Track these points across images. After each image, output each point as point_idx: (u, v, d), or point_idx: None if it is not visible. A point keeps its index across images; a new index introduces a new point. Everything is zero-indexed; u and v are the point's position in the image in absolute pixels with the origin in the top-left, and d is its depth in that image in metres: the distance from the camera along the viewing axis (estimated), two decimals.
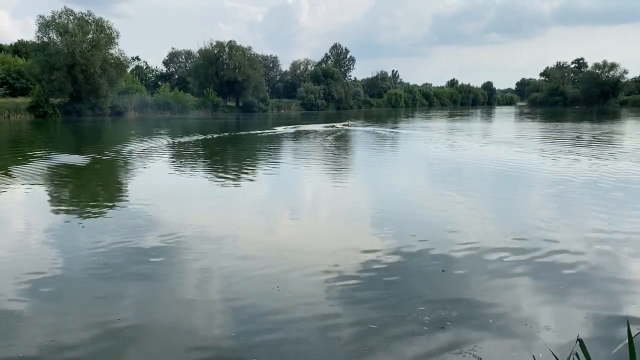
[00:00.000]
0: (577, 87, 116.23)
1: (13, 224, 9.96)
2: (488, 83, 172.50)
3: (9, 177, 14.91)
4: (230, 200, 12.23)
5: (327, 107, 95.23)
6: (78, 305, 5.83)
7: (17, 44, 77.84)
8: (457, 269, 6.98)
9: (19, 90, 64.18)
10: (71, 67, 55.09)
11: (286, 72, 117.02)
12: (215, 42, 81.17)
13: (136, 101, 67.13)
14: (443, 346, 4.81)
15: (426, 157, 21.50)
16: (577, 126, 41.37)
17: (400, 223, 9.50)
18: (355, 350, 4.79)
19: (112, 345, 4.89)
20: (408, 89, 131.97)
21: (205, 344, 4.94)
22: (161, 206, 11.28)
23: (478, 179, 15.04)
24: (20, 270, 6.88)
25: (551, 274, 6.74)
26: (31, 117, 53.92)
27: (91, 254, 7.61)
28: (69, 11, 57.72)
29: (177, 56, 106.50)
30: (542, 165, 17.62)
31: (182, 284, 6.50)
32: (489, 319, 5.37)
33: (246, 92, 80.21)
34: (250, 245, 8.12)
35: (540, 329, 5.16)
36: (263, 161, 19.96)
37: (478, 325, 5.24)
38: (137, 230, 8.94)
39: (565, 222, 9.55)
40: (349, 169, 17.82)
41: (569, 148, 23.34)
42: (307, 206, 11.66)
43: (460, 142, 28.05)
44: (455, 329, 5.14)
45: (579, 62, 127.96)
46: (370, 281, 6.53)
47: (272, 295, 6.06)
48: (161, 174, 16.84)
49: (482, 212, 10.45)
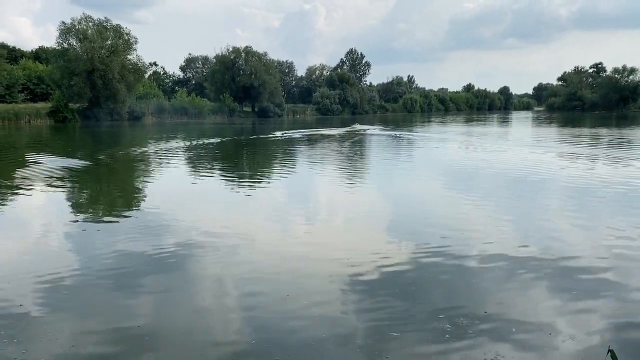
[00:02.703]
0: (596, 92, 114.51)
1: (31, 227, 10.05)
2: (505, 88, 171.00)
3: (28, 180, 15.10)
4: (245, 205, 12.23)
5: (342, 112, 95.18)
6: (96, 310, 5.84)
7: (37, 50, 79.35)
8: (476, 276, 6.87)
9: (39, 96, 65.41)
10: (90, 72, 55.89)
11: (302, 78, 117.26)
12: (232, 48, 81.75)
13: (153, 106, 67.86)
14: (466, 356, 4.72)
15: (442, 161, 21.32)
16: (596, 131, 40.79)
17: (416, 229, 9.40)
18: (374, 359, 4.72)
19: (130, 351, 4.88)
20: (424, 93, 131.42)
21: (221, 351, 4.90)
22: (177, 211, 11.31)
23: (495, 184, 14.86)
24: (39, 275, 6.92)
25: (572, 282, 6.60)
26: (51, 122, 54.79)
27: (108, 259, 7.64)
28: (88, 18, 58.75)
29: (194, 62, 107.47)
30: (561, 171, 17.38)
31: (197, 290, 6.49)
32: (512, 328, 5.27)
33: (262, 97, 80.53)
34: (265, 252, 8.08)
35: (565, 338, 5.05)
36: (277, 165, 19.97)
37: (500, 334, 5.13)
38: (152, 235, 8.98)
39: (585, 229, 9.38)
40: (364, 173, 17.73)
41: (588, 153, 23.00)
42: (322, 211, 11.60)
43: (477, 146, 27.82)
44: (477, 338, 5.04)
45: (597, 66, 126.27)
46: (386, 288, 6.44)
47: (288, 302, 6.01)
48: (177, 178, 16.93)
49: (500, 218, 10.29)
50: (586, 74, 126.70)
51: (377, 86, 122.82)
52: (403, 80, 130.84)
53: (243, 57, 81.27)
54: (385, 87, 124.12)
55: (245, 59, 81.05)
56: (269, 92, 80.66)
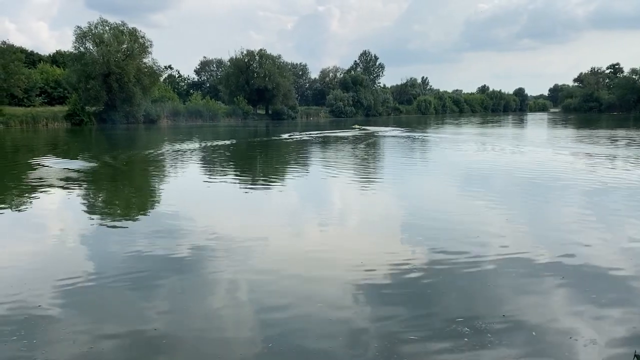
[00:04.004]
0: (613, 93, 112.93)
1: (47, 229, 10.16)
2: (520, 89, 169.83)
3: (44, 182, 15.27)
4: (259, 208, 12.23)
5: (355, 114, 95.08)
6: (114, 313, 5.87)
7: (55, 54, 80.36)
8: (493, 280, 6.78)
9: (56, 99, 66.24)
10: (106, 76, 56.49)
11: (315, 80, 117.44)
12: (246, 51, 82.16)
13: (168, 109, 68.41)
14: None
15: (457, 163, 21.15)
16: (614, 133, 40.22)
17: (432, 232, 9.30)
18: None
19: (147, 354, 4.91)
20: (438, 95, 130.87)
21: (236, 355, 4.90)
22: (192, 213, 11.37)
23: (511, 187, 14.70)
24: (56, 276, 6.99)
25: (592, 286, 6.48)
26: (68, 125, 55.44)
27: (124, 261, 7.69)
28: (104, 22, 59.40)
29: (208, 65, 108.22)
30: (580, 173, 17.14)
31: (212, 293, 6.49)
32: (532, 332, 5.18)
33: (276, 99, 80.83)
34: (279, 255, 8.06)
35: (587, 342, 4.95)
36: (291, 167, 19.99)
37: (521, 339, 5.05)
38: (168, 237, 9.02)
39: (604, 233, 9.22)
40: (378, 175, 17.65)
41: (607, 155, 22.69)
42: (336, 214, 11.55)
43: (493, 148, 27.59)
44: (498, 342, 4.97)
45: (614, 67, 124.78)
46: (402, 292, 6.39)
47: (303, 305, 5.99)
48: (192, 180, 17.01)
49: (517, 222, 10.17)
50: (603, 75, 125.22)
51: (390, 88, 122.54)
52: (417, 82, 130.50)
53: (257, 60, 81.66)
54: (399, 88, 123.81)
55: (259, 61, 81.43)
56: (283, 94, 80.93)
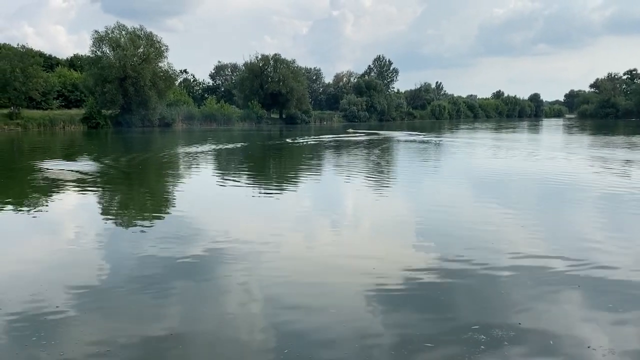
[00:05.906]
0: (630, 99, 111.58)
1: (63, 231, 10.28)
2: (535, 95, 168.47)
3: (60, 183, 15.46)
4: (272, 212, 12.22)
5: (369, 119, 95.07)
6: (129, 315, 5.91)
7: (72, 58, 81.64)
8: (508, 287, 6.72)
9: (73, 102, 67.26)
10: (122, 80, 57.20)
11: (329, 84, 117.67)
12: (261, 55, 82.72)
13: (183, 113, 69.03)
14: None
15: (472, 168, 21.04)
16: (631, 140, 39.72)
17: (445, 239, 9.24)
18: None
19: (164, 356, 4.95)
20: (452, 100, 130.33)
21: (250, 359, 4.92)
22: (204, 216, 11.45)
23: (526, 193, 14.58)
24: (72, 278, 7.07)
25: (608, 294, 6.39)
26: (84, 128, 56.22)
27: (138, 263, 7.75)
28: (121, 26, 60.24)
29: (223, 69, 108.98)
30: (596, 180, 16.95)
31: (224, 297, 6.51)
32: (549, 340, 5.13)
33: (290, 104, 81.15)
34: (292, 260, 8.05)
35: (605, 352, 4.88)
36: (304, 171, 20.00)
37: (537, 347, 5.00)
38: (181, 240, 9.08)
39: (619, 239, 9.09)
40: (390, 180, 17.62)
41: (622, 161, 22.40)
42: (349, 219, 11.50)
43: (508, 154, 27.39)
44: (515, 350, 4.92)
45: (631, 72, 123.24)
46: (416, 299, 6.35)
47: (316, 312, 5.98)
48: (206, 183, 17.11)
49: (531, 228, 10.06)
50: (620, 81, 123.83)
51: (404, 93, 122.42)
52: (431, 87, 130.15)
53: (271, 64, 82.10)
54: (413, 93, 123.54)
55: (273, 66, 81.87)
56: (297, 99, 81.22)
